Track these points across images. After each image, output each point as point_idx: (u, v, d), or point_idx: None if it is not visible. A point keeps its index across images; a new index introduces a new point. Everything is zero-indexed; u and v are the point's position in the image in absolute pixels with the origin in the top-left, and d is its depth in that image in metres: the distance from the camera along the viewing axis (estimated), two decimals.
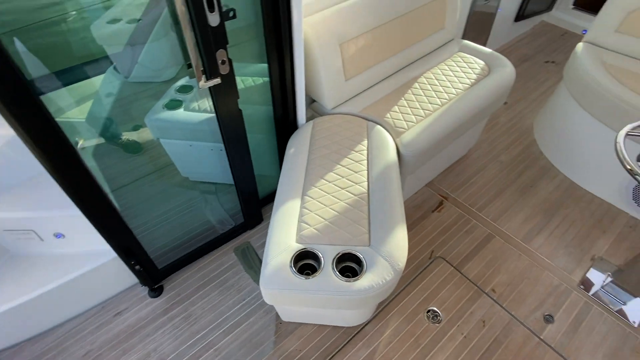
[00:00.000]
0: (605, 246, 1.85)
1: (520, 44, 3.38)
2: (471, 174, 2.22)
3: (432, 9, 1.98)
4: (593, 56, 2.03)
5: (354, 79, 1.79)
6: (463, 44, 2.16)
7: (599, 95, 1.88)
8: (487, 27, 2.97)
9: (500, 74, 1.91)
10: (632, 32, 2.01)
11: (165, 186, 1.78)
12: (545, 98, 2.76)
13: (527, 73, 3.03)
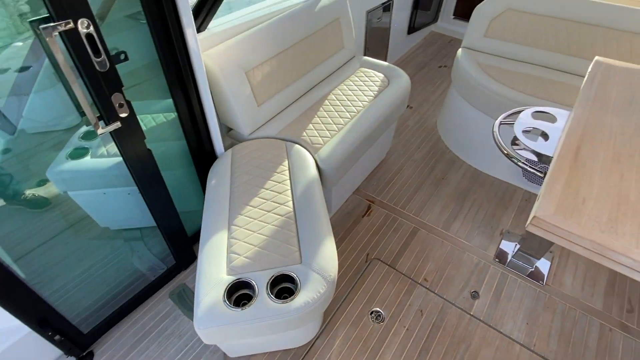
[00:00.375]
0: (510, 220, 2.12)
1: (415, 53, 3.77)
2: (391, 175, 2.40)
3: (328, 32, 2.14)
4: (470, 59, 2.36)
5: (266, 104, 1.85)
6: (363, 60, 2.36)
7: (479, 91, 2.18)
8: (385, 42, 3.27)
9: (397, 84, 2.12)
10: (496, 36, 2.38)
11: (83, 242, 1.64)
12: (443, 98, 3.11)
13: (425, 78, 3.38)
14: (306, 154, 1.70)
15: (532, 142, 1.40)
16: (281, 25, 1.87)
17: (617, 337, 1.62)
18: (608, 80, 1.50)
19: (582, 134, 1.23)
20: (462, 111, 2.41)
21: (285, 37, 1.87)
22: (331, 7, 2.12)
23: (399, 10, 3.27)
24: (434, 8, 3.88)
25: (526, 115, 1.54)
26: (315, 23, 2.03)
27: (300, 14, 1.96)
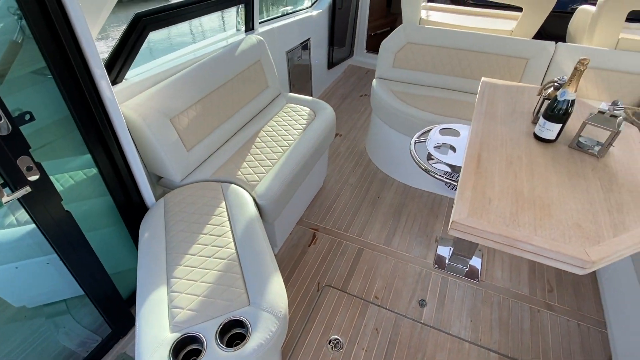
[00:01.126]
0: (442, 227, 2.31)
1: (338, 85, 4.05)
2: (331, 201, 2.49)
3: (251, 73, 2.22)
4: (384, 87, 2.61)
5: (196, 148, 1.84)
6: (289, 96, 2.48)
7: (395, 115, 2.41)
8: (308, 78, 3.47)
9: (323, 116, 2.26)
10: (402, 66, 2.68)
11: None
12: (367, 124, 3.36)
13: (349, 107, 3.64)
14: (243, 193, 1.70)
15: (443, 156, 1.58)
16: (203, 71, 1.90)
17: (545, 317, 1.82)
18: (494, 97, 1.77)
19: (480, 143, 1.43)
20: (385, 134, 2.63)
21: (208, 82, 1.90)
22: (251, 51, 2.22)
23: (317, 47, 3.52)
24: (348, 44, 4.25)
25: (435, 132, 1.74)
26: (236, 66, 2.10)
27: (221, 59, 2.02)
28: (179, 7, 1.85)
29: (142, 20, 1.65)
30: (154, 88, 1.69)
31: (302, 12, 3.30)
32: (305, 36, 3.24)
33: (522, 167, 1.30)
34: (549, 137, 1.43)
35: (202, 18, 7.30)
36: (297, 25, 3.08)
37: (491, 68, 2.47)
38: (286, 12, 3.15)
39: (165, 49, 2.07)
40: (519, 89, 1.85)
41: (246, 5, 2.42)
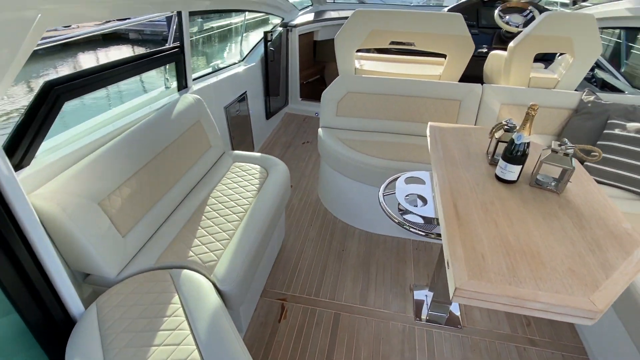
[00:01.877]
0: (412, 272, 2.24)
1: (278, 135, 3.98)
2: (294, 263, 2.28)
3: (191, 135, 2.01)
4: (330, 136, 2.58)
5: (134, 230, 1.53)
6: (235, 154, 2.29)
7: (346, 163, 2.37)
8: (248, 130, 3.34)
9: (276, 173, 2.11)
10: (346, 114, 2.69)
11: None
12: (316, 171, 3.29)
13: (294, 156, 3.55)
14: (200, 279, 1.43)
15: (418, 209, 1.52)
16: (136, 139, 1.65)
17: (532, 353, 1.79)
18: (446, 141, 1.81)
19: (451, 192, 1.39)
20: (338, 181, 2.56)
21: (143, 151, 1.65)
22: (189, 111, 2.03)
23: (254, 99, 3.43)
24: (282, 93, 4.25)
25: (401, 182, 1.70)
26: (174, 130, 1.88)
27: (156, 124, 1.79)
28: (99, 71, 1.61)
29: (55, 90, 1.38)
30: (74, 168, 1.39)
31: (235, 66, 3.22)
32: (242, 90, 3.14)
33: (498, 213, 1.29)
34: (511, 179, 1.46)
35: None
36: (232, 79, 2.97)
37: (429, 111, 2.60)
38: (218, 67, 3.04)
39: (79, 114, 1.78)
40: (466, 130, 1.93)
41: (177, 64, 2.25)
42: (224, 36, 4.68)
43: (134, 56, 1.85)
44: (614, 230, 1.22)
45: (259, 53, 3.61)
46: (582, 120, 2.30)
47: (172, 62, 2.17)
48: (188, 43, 2.25)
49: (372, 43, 2.59)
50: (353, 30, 2.54)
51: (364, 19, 2.48)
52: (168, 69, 2.34)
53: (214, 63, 3.23)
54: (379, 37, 2.54)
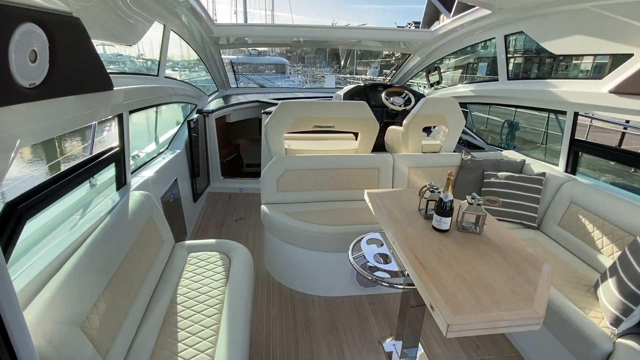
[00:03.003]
0: (375, 326, 2.43)
1: (209, 215, 3.93)
2: (266, 344, 2.23)
3: (147, 232, 1.95)
4: (276, 210, 2.76)
5: (113, 349, 1.39)
6: (188, 245, 2.25)
7: (295, 234, 2.55)
8: (180, 216, 3.24)
9: (239, 258, 2.15)
10: (286, 190, 2.93)
11: None
12: (260, 246, 3.33)
13: (231, 234, 3.54)
14: None
15: (387, 265, 1.79)
16: (97, 249, 1.55)
17: None
18: (384, 204, 2.19)
19: (409, 246, 1.72)
20: (289, 253, 2.69)
21: (108, 261, 1.55)
22: (141, 209, 1.98)
23: (182, 185, 3.40)
24: (203, 173, 4.29)
25: (364, 245, 1.97)
26: (132, 231, 1.82)
27: (113, 229, 1.71)
28: (54, 182, 1.53)
29: (17, 210, 1.27)
30: (48, 291, 1.25)
31: (163, 155, 3.22)
32: (173, 177, 3.12)
33: (449, 258, 1.64)
34: (445, 228, 1.87)
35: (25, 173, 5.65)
36: (165, 169, 2.96)
37: (356, 179, 3.04)
38: (146, 159, 3.00)
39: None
40: (395, 193, 2.36)
41: (117, 164, 2.20)
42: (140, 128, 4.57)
43: (81, 162, 1.79)
44: (524, 255, 1.69)
45: (181, 139, 3.67)
46: (466, 174, 3.04)
47: (113, 162, 2.12)
48: (128, 142, 2.25)
49: (297, 128, 2.99)
50: (280, 119, 2.90)
51: (289, 109, 2.88)
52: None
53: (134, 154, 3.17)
54: (303, 122, 2.95)
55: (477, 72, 10.12)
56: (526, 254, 1.70)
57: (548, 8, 2.57)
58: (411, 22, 29.01)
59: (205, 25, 3.74)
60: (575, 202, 2.48)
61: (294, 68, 21.79)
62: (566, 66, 11.79)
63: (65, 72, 1.32)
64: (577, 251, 2.37)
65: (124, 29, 2.13)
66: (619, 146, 9.12)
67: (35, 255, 1.43)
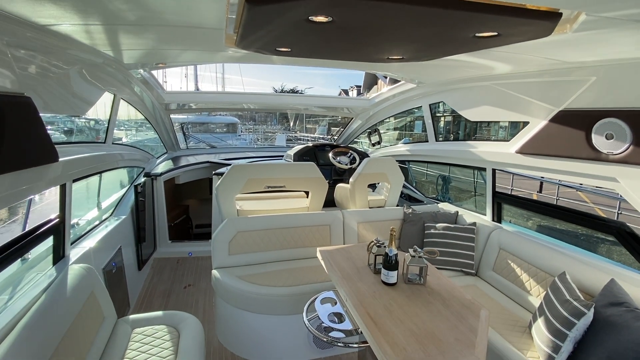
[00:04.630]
0: None
1: (155, 283, 3.67)
2: None
3: (86, 310, 1.81)
4: (228, 275, 2.69)
5: None
6: (132, 320, 2.10)
7: (249, 299, 2.48)
8: (123, 286, 3.01)
9: (189, 329, 2.04)
10: (238, 252, 2.89)
11: None
12: (209, 316, 3.15)
13: (179, 303, 3.32)
14: None
15: (341, 325, 1.83)
16: (31, 334, 1.41)
17: None
18: (336, 261, 2.28)
19: (361, 303, 1.79)
20: (243, 320, 2.58)
21: (43, 347, 1.41)
22: (81, 284, 1.85)
23: (126, 252, 3.21)
24: (149, 238, 4.08)
25: (319, 305, 2.00)
26: (70, 311, 1.68)
27: (49, 310, 1.58)
28: None
29: None
30: None
31: (106, 222, 3.06)
32: (117, 245, 2.95)
33: (398, 312, 1.74)
34: (393, 282, 1.99)
35: None
36: (108, 237, 2.80)
37: (308, 236, 3.12)
38: (88, 227, 2.84)
39: None
40: (346, 250, 2.47)
41: (55, 236, 2.07)
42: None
43: (16, 238, 1.68)
44: (464, 302, 1.84)
45: (127, 204, 3.54)
46: (410, 226, 3.27)
47: (51, 234, 2.00)
48: (70, 212, 2.15)
49: (249, 189, 3.07)
50: (231, 181, 2.97)
51: (240, 172, 2.98)
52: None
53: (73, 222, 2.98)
54: (254, 184, 3.05)
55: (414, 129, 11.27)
56: (465, 301, 1.85)
57: (460, 84, 3.08)
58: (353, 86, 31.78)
59: (157, 94, 3.85)
60: (503, 248, 2.77)
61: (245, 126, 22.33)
62: (487, 124, 13.66)
63: (12, 149, 1.31)
64: (511, 294, 2.61)
65: (75, 101, 2.16)
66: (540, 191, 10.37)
67: None
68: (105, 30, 1.63)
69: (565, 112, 2.24)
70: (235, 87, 35.08)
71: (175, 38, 1.82)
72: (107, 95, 3.07)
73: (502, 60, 2.19)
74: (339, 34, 1.38)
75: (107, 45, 1.94)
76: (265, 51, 1.85)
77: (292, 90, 27.73)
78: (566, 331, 1.81)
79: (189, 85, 21.13)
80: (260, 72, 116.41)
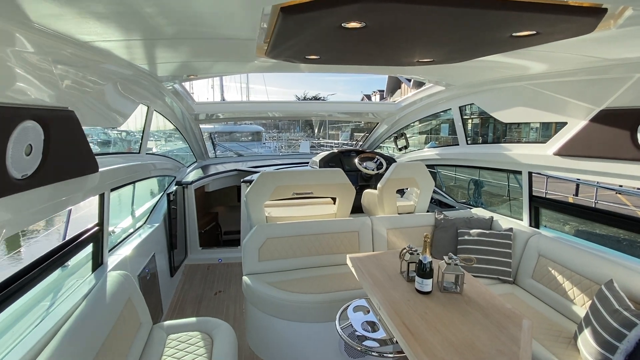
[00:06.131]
0: None
1: (184, 290, 3.76)
2: None
3: (125, 316, 1.87)
4: (259, 281, 2.71)
5: None
6: (167, 326, 2.15)
7: (282, 305, 2.49)
8: (156, 292, 3.10)
9: (222, 337, 2.06)
10: (268, 258, 2.91)
11: None
12: (240, 322, 3.17)
13: (210, 309, 3.38)
14: None
15: (375, 334, 1.79)
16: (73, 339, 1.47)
17: None
18: (367, 268, 2.24)
19: (396, 312, 1.74)
20: (274, 327, 2.58)
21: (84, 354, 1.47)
22: (119, 291, 1.92)
23: (160, 256, 3.31)
24: (181, 245, 4.19)
25: (351, 313, 1.97)
26: (109, 317, 1.74)
27: (90, 316, 1.64)
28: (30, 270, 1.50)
29: None
30: None
31: (141, 230, 3.17)
32: (151, 252, 3.05)
33: (435, 321, 1.68)
34: (428, 290, 1.93)
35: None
36: (142, 245, 2.90)
37: (337, 243, 3.10)
38: (122, 236, 2.95)
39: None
40: (377, 257, 2.43)
41: (95, 244, 2.16)
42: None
43: (57, 246, 1.77)
44: (504, 311, 1.75)
45: (160, 212, 3.66)
46: (442, 232, 3.18)
47: (90, 243, 2.10)
48: (108, 220, 2.24)
49: (278, 196, 3.09)
50: (260, 189, 3.00)
51: (269, 179, 3.01)
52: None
53: (111, 230, 3.11)
54: (283, 190, 3.07)
55: (440, 133, 11.07)
56: (505, 310, 1.77)
57: (491, 85, 2.99)
58: (376, 91, 31.60)
59: (187, 104, 3.98)
60: (543, 255, 2.63)
61: (269, 134, 22.70)
62: (517, 125, 13.19)
63: (56, 161, 1.39)
64: (552, 303, 2.46)
65: (112, 114, 2.26)
66: (576, 194, 9.85)
67: (4, 347, 1.34)
68: (143, 44, 1.70)
69: (607, 112, 2.11)
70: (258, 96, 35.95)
71: (209, 50, 1.87)
72: (140, 106, 3.21)
73: (539, 60, 2.10)
74: (369, 39, 1.37)
75: (144, 59, 2.03)
76: (295, 59, 1.86)
77: (315, 97, 27.96)
78: (616, 343, 1.69)
79: (215, 96, 21.77)
80: (283, 80, 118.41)
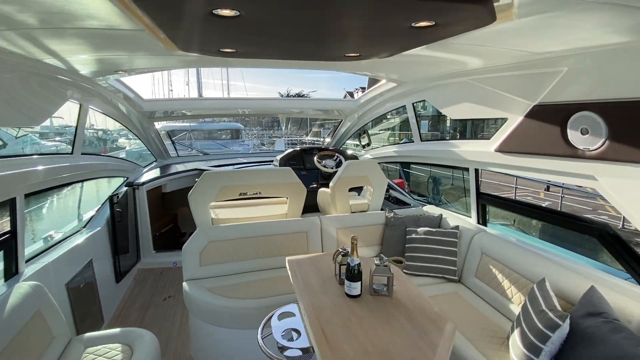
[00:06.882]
0: None
1: (132, 296, 3.59)
2: None
3: (28, 331, 1.72)
4: (198, 287, 2.58)
5: None
6: (85, 338, 2.01)
7: (220, 312, 2.38)
8: (95, 299, 2.93)
9: (143, 347, 1.94)
10: (210, 263, 2.79)
11: None
12: (186, 329, 3.04)
13: (156, 317, 3.23)
14: None
15: (294, 342, 1.70)
16: None
17: None
18: (303, 271, 2.16)
19: (317, 319, 1.66)
20: (214, 335, 2.48)
21: None
22: (24, 305, 1.76)
23: (100, 264, 3.13)
24: (133, 249, 4.01)
25: (275, 320, 1.88)
26: (4, 332, 1.59)
27: None
28: None
29: None
30: None
31: (77, 235, 2.99)
32: (87, 258, 2.88)
33: (356, 327, 1.61)
34: (356, 294, 1.86)
35: None
36: (74, 251, 2.72)
37: (284, 244, 3.00)
38: (56, 241, 2.77)
39: None
40: (316, 259, 2.35)
41: (6, 252, 2.00)
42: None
43: None
44: (430, 315, 1.70)
45: (103, 215, 3.47)
46: (391, 231, 3.14)
47: (1, 250, 1.93)
48: (22, 227, 2.07)
49: (223, 197, 2.97)
50: (204, 189, 2.88)
51: (213, 179, 2.88)
52: None
53: (48, 234, 2.92)
54: (228, 191, 2.95)
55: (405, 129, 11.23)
56: (432, 313, 1.72)
57: (438, 81, 2.95)
58: (358, 88, 31.59)
59: (132, 102, 3.79)
60: (486, 253, 2.62)
61: (251, 132, 22.31)
62: (476, 120, 13.54)
63: None
64: (493, 302, 2.45)
65: (27, 112, 2.09)
66: (547, 189, 10.10)
67: None
68: (22, 36, 1.55)
69: (539, 107, 2.09)
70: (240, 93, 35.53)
71: (103, 44, 1.74)
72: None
73: (469, 54, 2.05)
74: (257, 30, 1.27)
75: (43, 53, 1.86)
76: (210, 53, 1.75)
77: (298, 94, 27.73)
78: (541, 345, 1.66)
79: (191, 93, 21.27)
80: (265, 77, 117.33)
